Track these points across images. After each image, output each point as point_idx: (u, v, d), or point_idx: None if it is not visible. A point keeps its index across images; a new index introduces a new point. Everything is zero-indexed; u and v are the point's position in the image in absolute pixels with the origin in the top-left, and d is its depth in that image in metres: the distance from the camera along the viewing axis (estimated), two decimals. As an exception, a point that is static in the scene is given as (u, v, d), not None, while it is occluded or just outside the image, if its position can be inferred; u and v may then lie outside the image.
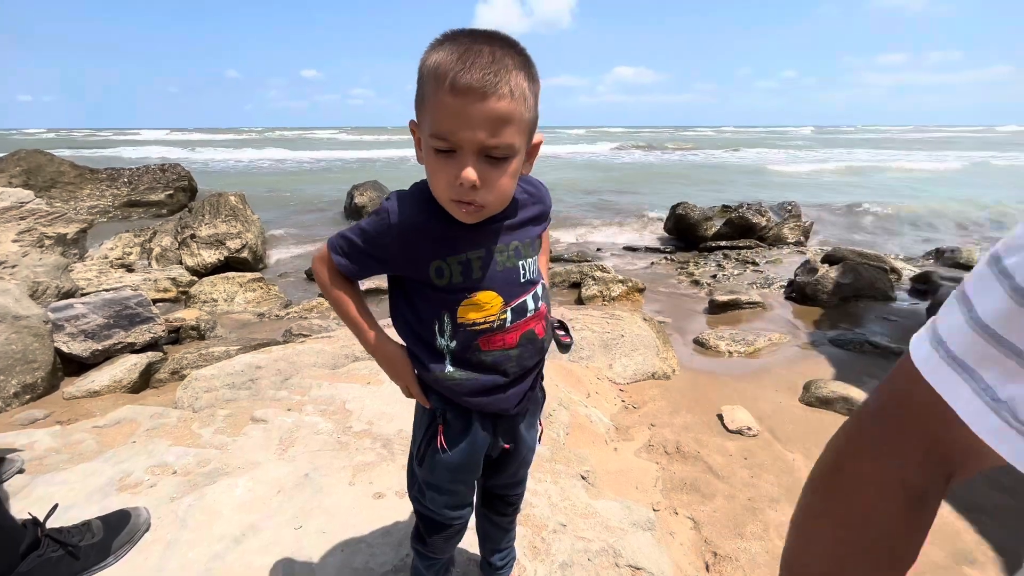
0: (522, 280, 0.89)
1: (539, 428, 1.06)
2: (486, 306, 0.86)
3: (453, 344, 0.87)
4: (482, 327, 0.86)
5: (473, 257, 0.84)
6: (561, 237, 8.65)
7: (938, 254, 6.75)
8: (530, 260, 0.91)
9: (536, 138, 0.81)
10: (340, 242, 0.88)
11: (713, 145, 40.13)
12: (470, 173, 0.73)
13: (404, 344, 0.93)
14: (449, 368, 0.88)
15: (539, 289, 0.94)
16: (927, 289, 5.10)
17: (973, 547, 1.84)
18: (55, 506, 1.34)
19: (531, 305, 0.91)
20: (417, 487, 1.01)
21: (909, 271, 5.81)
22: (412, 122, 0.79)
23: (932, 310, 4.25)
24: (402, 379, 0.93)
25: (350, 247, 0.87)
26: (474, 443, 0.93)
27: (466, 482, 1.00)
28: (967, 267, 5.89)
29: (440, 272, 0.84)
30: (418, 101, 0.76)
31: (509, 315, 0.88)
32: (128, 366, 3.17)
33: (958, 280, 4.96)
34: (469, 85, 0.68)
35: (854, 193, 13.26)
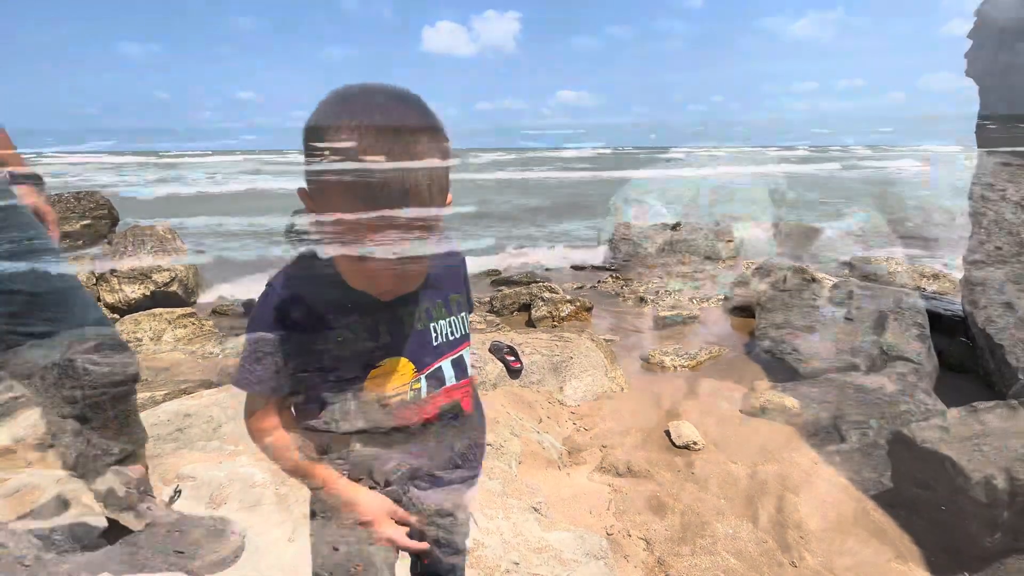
0: (434, 344, 0.81)
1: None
2: (395, 375, 0.77)
3: None
4: (393, 400, 0.77)
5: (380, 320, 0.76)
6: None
7: (851, 266, 7.41)
8: (442, 323, 0.82)
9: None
10: (243, 375, 0.74)
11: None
12: None
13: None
14: None
15: (463, 355, 0.85)
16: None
17: (897, 541, 1.98)
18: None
19: (449, 373, 0.82)
20: None
21: (828, 281, 6.32)
22: (303, 190, 0.66)
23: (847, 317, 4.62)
24: (383, 523, 0.76)
25: (252, 362, 0.73)
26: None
27: None
28: (876, 278, 6.48)
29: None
30: (316, 192, 0.65)
31: (424, 384, 0.79)
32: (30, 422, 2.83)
33: (872, 289, 5.30)
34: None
35: None
